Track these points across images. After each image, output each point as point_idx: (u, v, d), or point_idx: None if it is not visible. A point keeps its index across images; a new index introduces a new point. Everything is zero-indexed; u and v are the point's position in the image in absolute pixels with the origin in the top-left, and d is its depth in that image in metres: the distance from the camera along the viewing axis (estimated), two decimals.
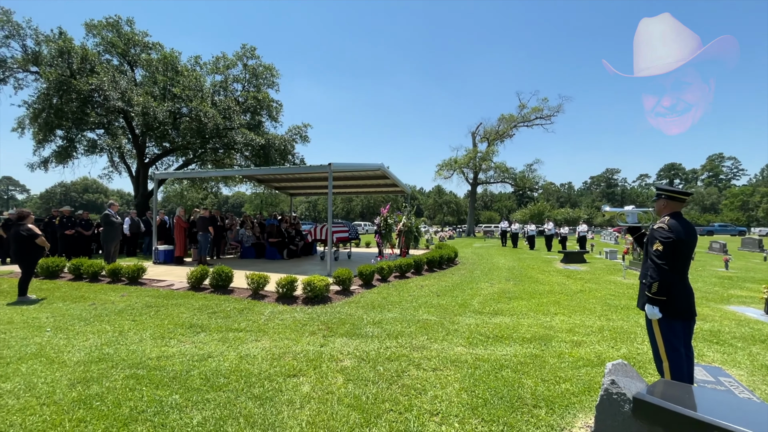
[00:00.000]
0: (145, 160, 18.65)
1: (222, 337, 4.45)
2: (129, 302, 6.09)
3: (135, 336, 4.45)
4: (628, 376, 2.56)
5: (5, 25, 14.76)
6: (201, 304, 5.95)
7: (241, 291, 6.89)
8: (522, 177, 43.97)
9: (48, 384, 3.17)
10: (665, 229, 2.86)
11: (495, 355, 3.99)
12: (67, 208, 12.55)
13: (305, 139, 21.13)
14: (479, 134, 43.25)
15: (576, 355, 4.02)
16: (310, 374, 3.43)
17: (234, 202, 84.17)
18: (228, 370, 3.50)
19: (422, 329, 4.88)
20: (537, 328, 5.02)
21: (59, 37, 15.55)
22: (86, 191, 79.49)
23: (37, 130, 16.39)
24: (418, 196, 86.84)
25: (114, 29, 17.61)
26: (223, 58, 19.83)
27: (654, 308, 2.81)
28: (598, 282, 9.00)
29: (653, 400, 2.17)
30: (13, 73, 15.65)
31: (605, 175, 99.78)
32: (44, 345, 4.12)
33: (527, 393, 3.13)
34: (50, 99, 14.93)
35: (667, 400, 2.15)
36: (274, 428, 2.56)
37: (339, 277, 7.00)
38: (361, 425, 2.61)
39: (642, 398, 2.21)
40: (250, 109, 19.86)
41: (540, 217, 44.94)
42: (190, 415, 2.71)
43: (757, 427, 1.84)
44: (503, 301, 6.74)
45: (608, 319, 5.63)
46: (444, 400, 3.00)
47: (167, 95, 17.09)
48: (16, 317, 5.24)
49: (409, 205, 15.29)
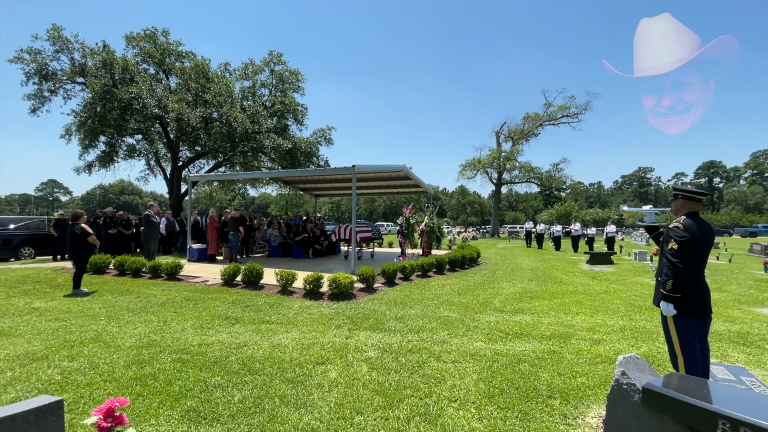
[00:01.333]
0: (178, 164, 19.64)
1: (255, 328, 4.79)
2: (169, 296, 6.58)
3: (177, 326, 4.87)
4: (640, 368, 2.66)
5: (56, 40, 15.98)
6: (234, 299, 6.35)
7: (270, 287, 7.27)
8: (548, 176, 43.07)
9: (108, 364, 3.58)
10: (680, 229, 2.93)
11: (513, 351, 4.12)
12: (110, 209, 13.47)
13: (329, 141, 21.62)
14: (503, 133, 42.70)
15: (594, 352, 4.09)
16: (337, 362, 3.69)
17: (260, 203, 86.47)
18: (262, 357, 3.81)
19: (443, 325, 5.06)
20: (557, 326, 5.10)
21: (103, 49, 16.66)
22: (122, 193, 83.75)
23: (83, 136, 17.58)
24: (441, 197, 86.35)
25: (151, 40, 18.66)
26: (251, 64, 20.59)
27: (669, 305, 2.90)
28: (623, 283, 8.86)
29: (661, 389, 2.28)
30: (62, 84, 16.88)
31: (637, 174, 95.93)
32: (100, 331, 4.59)
33: (543, 385, 3.27)
34: (95, 107, 16.01)
35: (676, 391, 2.26)
36: (305, 407, 2.83)
37: (363, 275, 7.26)
38: (384, 407, 2.84)
39: (651, 388, 2.33)
40: (276, 114, 20.52)
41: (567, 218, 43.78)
42: (231, 393, 3.02)
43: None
44: (525, 300, 6.81)
45: (631, 319, 5.61)
46: (462, 388, 3.18)
47: (199, 101, 17.95)
48: (73, 307, 5.79)
49: (431, 205, 15.43)
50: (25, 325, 4.87)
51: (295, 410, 2.78)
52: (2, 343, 4.17)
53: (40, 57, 16.03)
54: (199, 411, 2.75)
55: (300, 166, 19.34)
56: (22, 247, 13.19)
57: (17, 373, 3.39)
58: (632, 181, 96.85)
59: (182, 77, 18.48)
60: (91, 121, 16.42)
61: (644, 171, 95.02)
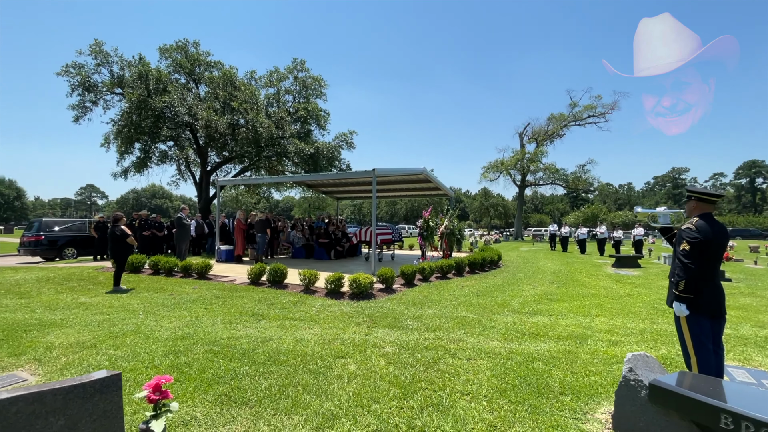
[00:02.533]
0: (207, 168, 20.49)
1: (280, 324, 5.07)
2: (200, 294, 6.98)
3: (208, 321, 5.21)
4: (649, 366, 2.72)
5: (98, 55, 17.10)
6: (260, 297, 6.68)
7: (294, 286, 7.57)
8: (574, 178, 42.03)
9: (148, 353, 3.92)
10: (692, 230, 2.97)
11: (528, 350, 4.20)
12: (144, 212, 14.27)
13: (351, 145, 22.00)
14: (527, 135, 42.05)
15: (610, 353, 4.12)
16: (356, 357, 3.90)
17: (284, 206, 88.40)
18: (286, 350, 4.06)
19: (460, 325, 5.18)
20: (574, 328, 5.12)
21: (139, 62, 17.68)
22: (154, 196, 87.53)
23: (120, 143, 18.66)
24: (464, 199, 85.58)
25: (182, 51, 19.63)
26: (276, 72, 21.27)
27: (681, 305, 2.94)
28: (648, 287, 8.66)
29: (667, 385, 2.35)
30: (102, 95, 18.01)
31: (671, 175, 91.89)
32: (140, 325, 4.98)
33: (555, 382, 3.35)
34: (131, 116, 16.98)
35: (682, 387, 2.32)
36: (326, 395, 3.04)
37: (382, 275, 7.46)
38: (399, 398, 3.01)
39: (657, 384, 2.40)
40: (300, 119, 21.09)
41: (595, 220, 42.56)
42: (258, 381, 3.27)
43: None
44: (544, 302, 6.81)
45: (653, 322, 5.55)
46: (475, 383, 3.32)
47: (227, 109, 18.70)
48: (114, 303, 6.27)
49: (451, 207, 15.48)
50: (74, 317, 5.34)
51: (317, 397, 3.00)
52: (56, 333, 4.61)
53: (83, 70, 17.17)
54: (230, 395, 3.01)
55: (322, 170, 19.79)
56: (66, 247, 14.16)
57: (71, 359, 3.77)
58: (665, 182, 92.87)
59: (211, 86, 19.31)
60: (127, 129, 17.41)
61: (678, 171, 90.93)
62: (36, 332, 4.62)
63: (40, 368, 3.56)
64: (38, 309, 5.85)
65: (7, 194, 71.19)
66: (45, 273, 9.19)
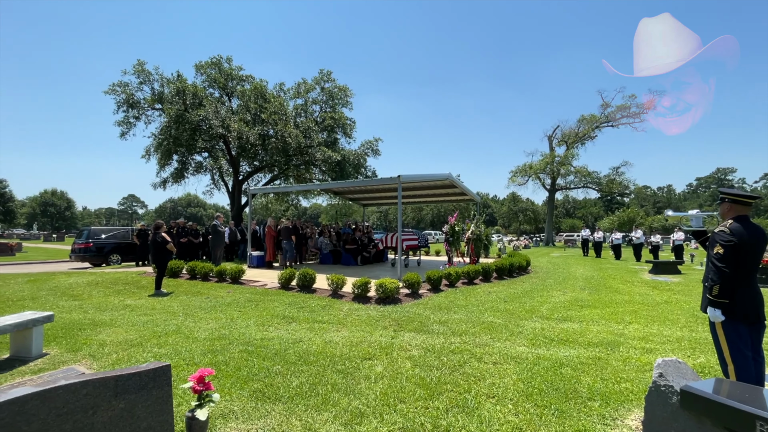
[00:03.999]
0: (239, 178, 21.35)
1: (309, 326, 5.25)
2: (234, 297, 7.32)
3: (242, 323, 5.47)
4: (681, 372, 2.66)
5: (140, 73, 18.33)
6: (290, 301, 6.92)
7: (322, 291, 7.78)
8: (609, 181, 40.51)
9: (188, 352, 4.19)
10: (726, 233, 2.89)
11: (556, 356, 4.16)
12: (181, 220, 15.03)
13: (376, 152, 22.30)
14: (556, 137, 41.05)
15: (643, 361, 4.00)
16: (383, 359, 4.00)
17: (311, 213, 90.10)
18: (316, 351, 4.22)
19: (486, 330, 5.17)
20: (606, 335, 4.99)
21: (177, 78, 18.77)
22: (189, 205, 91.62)
23: (160, 156, 19.81)
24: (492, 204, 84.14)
25: (216, 67, 20.67)
26: (304, 83, 21.97)
27: (716, 311, 2.86)
28: (688, 294, 8.25)
29: (699, 391, 2.31)
30: (144, 111, 19.24)
31: (716, 176, 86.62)
32: (180, 325, 5.30)
33: (583, 388, 3.31)
34: (170, 130, 18.03)
35: (715, 393, 2.27)
36: (354, 394, 3.16)
37: (408, 280, 7.53)
38: (425, 398, 3.09)
39: (689, 390, 2.36)
40: (327, 128, 21.63)
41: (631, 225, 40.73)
42: (290, 379, 3.44)
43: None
44: (574, 308, 6.66)
45: (691, 330, 5.32)
46: (501, 387, 3.33)
47: (257, 120, 19.48)
48: (156, 305, 6.69)
49: (478, 213, 15.34)
50: (121, 318, 5.76)
51: (345, 396, 3.12)
52: (107, 331, 5.00)
53: (128, 88, 18.45)
54: (264, 392, 3.18)
55: (348, 177, 20.15)
56: (111, 254, 15.16)
57: (120, 355, 4.09)
58: (709, 183, 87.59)
59: (243, 99, 20.19)
60: (166, 142, 18.49)
61: (724, 172, 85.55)
62: (89, 331, 5.03)
63: (95, 363, 3.89)
64: (90, 310, 6.34)
65: (59, 205, 76.83)
66: (94, 277, 9.89)
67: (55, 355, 4.15)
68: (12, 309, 6.23)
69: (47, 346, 4.39)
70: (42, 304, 6.74)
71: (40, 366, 3.83)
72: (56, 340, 4.61)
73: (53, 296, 7.54)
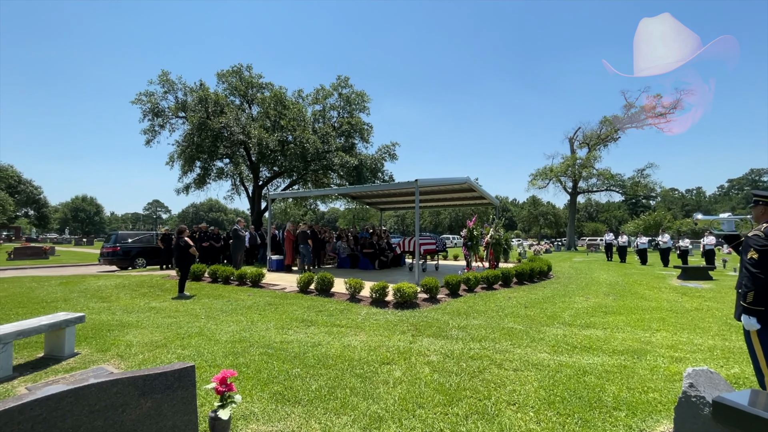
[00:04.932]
0: (259, 183, 21.78)
1: (328, 330, 5.29)
2: (254, 300, 7.44)
3: (262, 326, 5.55)
4: (713, 382, 2.55)
5: (165, 83, 19.01)
6: (309, 304, 6.99)
7: (340, 295, 7.83)
8: (633, 184, 39.32)
9: (210, 353, 4.28)
10: (761, 237, 2.77)
11: (579, 363, 4.05)
12: (203, 225, 15.43)
13: (393, 157, 22.36)
14: (578, 139, 40.20)
15: (673, 370, 3.85)
16: (401, 363, 3.98)
17: (329, 217, 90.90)
18: (334, 354, 4.24)
19: (506, 336, 5.09)
20: (632, 342, 4.83)
21: (200, 87, 19.37)
22: (210, 210, 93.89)
23: (183, 162, 20.42)
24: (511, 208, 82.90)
25: (237, 75, 21.22)
26: (322, 89, 22.29)
27: (751, 318, 2.74)
28: (721, 300, 7.89)
29: (734, 403, 2.20)
30: (168, 119, 19.91)
31: (749, 177, 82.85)
32: (202, 328, 5.43)
33: (608, 397, 3.21)
34: (193, 137, 18.58)
35: (751, 405, 2.17)
36: (373, 398, 3.16)
37: (426, 285, 7.49)
38: (444, 404, 3.06)
39: (722, 401, 2.25)
40: (344, 133, 21.84)
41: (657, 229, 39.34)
42: (309, 383, 3.47)
43: None
44: (598, 315, 6.47)
45: (724, 339, 5.08)
46: (522, 394, 3.27)
47: (276, 126, 19.86)
48: (180, 308, 6.87)
49: (497, 217, 15.13)
50: (147, 320, 5.95)
51: (364, 400, 3.12)
52: (133, 332, 5.17)
53: (153, 98, 19.14)
54: (284, 394, 3.22)
55: (366, 182, 20.26)
56: (137, 257, 15.68)
57: (147, 356, 4.22)
58: (742, 185, 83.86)
59: (263, 106, 20.63)
60: (189, 149, 19.05)
61: (758, 173, 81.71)
62: (117, 332, 5.21)
63: (122, 363, 4.03)
64: (118, 312, 6.57)
65: (89, 210, 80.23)
66: (121, 280, 10.25)
67: (86, 354, 4.32)
68: (46, 310, 6.53)
69: (78, 345, 4.57)
70: (73, 306, 7.03)
71: (72, 365, 4.00)
72: (86, 340, 4.80)
73: (84, 298, 7.85)
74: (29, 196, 49.34)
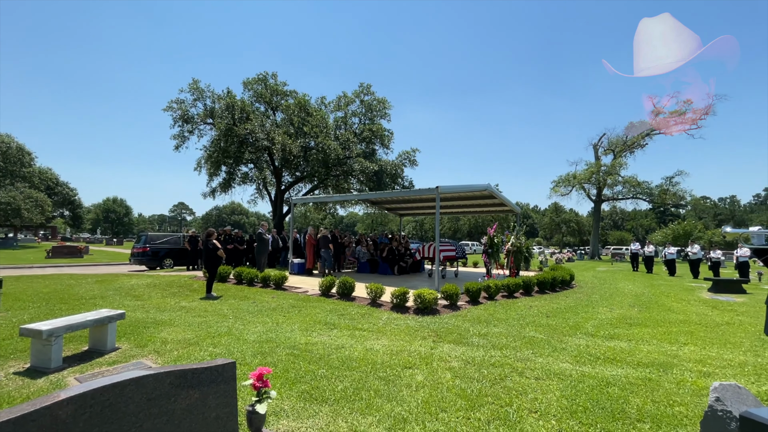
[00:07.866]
0: (281, 187, 22.32)
1: (350, 333, 5.42)
2: (278, 303, 7.67)
3: (287, 327, 5.75)
4: (740, 397, 2.53)
5: (194, 91, 19.83)
6: (331, 308, 7.16)
7: (361, 299, 7.97)
8: (661, 191, 38.08)
9: (240, 352, 4.49)
10: None
11: (603, 374, 4.03)
12: (228, 228, 15.92)
13: (413, 163, 22.49)
14: (602, 146, 39.27)
15: (700, 385, 3.79)
16: (423, 368, 4.07)
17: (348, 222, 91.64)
18: (358, 357, 4.37)
19: (528, 344, 5.09)
20: (657, 355, 4.75)
21: (227, 95, 20.09)
22: (233, 213, 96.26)
23: (210, 167, 21.19)
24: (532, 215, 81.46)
25: (262, 83, 21.91)
26: (344, 97, 22.73)
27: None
28: (754, 315, 7.60)
29: (762, 419, 2.19)
30: (197, 125, 20.72)
31: None
32: (231, 327, 5.67)
33: (632, 408, 3.21)
34: (219, 143, 19.28)
35: None
36: (396, 400, 3.26)
37: (446, 291, 7.54)
38: (466, 409, 3.13)
39: (750, 417, 2.24)
40: (365, 139, 22.17)
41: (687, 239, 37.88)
42: (335, 383, 3.60)
43: None
44: (622, 326, 6.37)
45: (757, 354, 4.93)
46: (543, 402, 3.30)
47: (299, 133, 20.36)
48: (208, 308, 7.16)
49: (518, 224, 14.99)
50: (179, 318, 6.24)
51: (388, 402, 3.23)
52: (167, 330, 5.45)
53: (183, 105, 20.00)
54: (311, 394, 3.37)
55: (386, 187, 20.46)
56: (165, 258, 16.30)
57: (181, 352, 4.47)
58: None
59: (287, 113, 21.22)
60: (216, 154, 19.76)
61: None
62: (152, 329, 5.51)
63: (159, 359, 4.28)
64: (151, 310, 6.92)
65: (119, 211, 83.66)
66: (152, 280, 10.72)
67: (126, 349, 4.60)
68: (86, 307, 6.94)
69: (118, 341, 4.87)
70: (110, 303, 7.43)
71: (114, 358, 4.28)
72: (125, 336, 5.10)
73: (119, 296, 8.28)
74: (65, 197, 51.90)
